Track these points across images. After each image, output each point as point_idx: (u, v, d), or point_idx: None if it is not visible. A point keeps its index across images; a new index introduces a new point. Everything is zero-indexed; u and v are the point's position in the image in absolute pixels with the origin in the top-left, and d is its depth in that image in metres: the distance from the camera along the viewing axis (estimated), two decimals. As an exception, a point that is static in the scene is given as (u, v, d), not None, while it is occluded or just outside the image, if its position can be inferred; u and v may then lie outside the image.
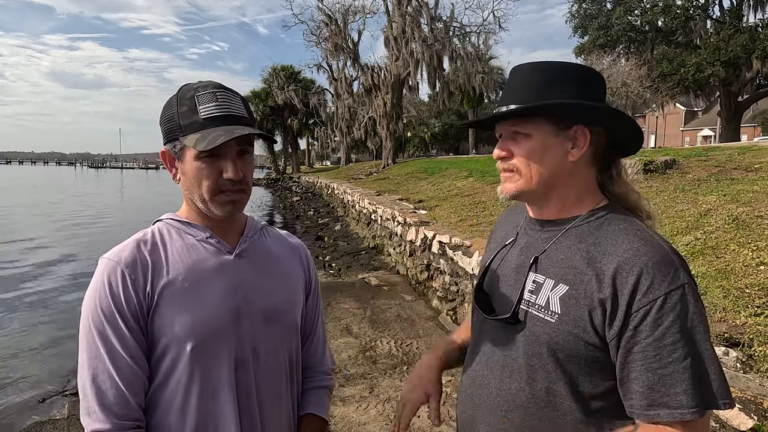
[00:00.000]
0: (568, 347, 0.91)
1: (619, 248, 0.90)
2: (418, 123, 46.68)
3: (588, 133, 0.96)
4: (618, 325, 0.86)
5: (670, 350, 0.83)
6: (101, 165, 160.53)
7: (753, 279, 3.14)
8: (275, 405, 1.09)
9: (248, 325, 1.05)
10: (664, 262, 0.86)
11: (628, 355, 0.86)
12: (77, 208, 21.93)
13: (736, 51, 22.99)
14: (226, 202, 1.02)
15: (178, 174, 1.05)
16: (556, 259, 0.97)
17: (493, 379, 1.02)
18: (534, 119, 0.96)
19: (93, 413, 0.94)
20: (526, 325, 0.97)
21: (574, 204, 1.00)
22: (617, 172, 1.03)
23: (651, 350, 0.84)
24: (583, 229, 0.97)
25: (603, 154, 1.00)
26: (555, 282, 0.94)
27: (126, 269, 0.98)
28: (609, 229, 0.94)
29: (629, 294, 0.85)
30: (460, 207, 8.60)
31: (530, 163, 0.97)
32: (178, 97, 1.03)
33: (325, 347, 1.30)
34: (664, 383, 0.83)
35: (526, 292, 0.99)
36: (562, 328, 0.91)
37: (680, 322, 0.83)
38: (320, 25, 28.64)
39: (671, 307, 0.83)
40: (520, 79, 0.99)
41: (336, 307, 6.08)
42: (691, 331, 0.83)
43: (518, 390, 0.97)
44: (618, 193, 1.01)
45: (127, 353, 0.96)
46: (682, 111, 49.12)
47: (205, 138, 0.97)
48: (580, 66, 1.00)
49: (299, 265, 1.22)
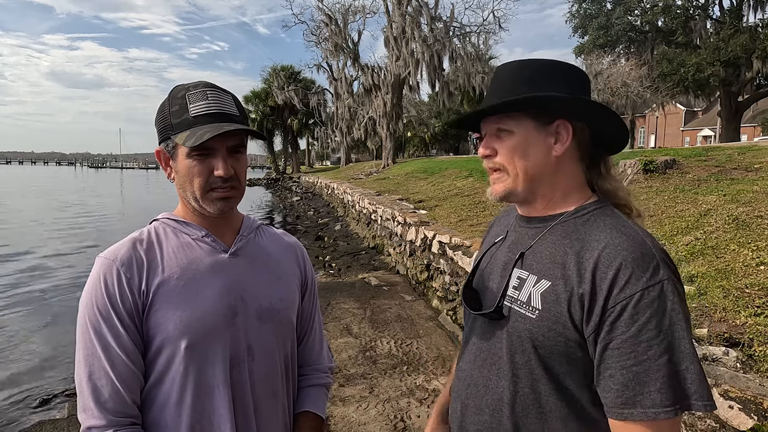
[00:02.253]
0: (548, 344, 0.90)
1: (601, 243, 0.89)
2: (418, 123, 46.67)
3: (570, 128, 0.96)
4: (595, 320, 0.85)
5: (646, 347, 0.81)
6: (101, 165, 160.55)
7: (753, 279, 3.14)
8: (270, 403, 1.10)
9: (243, 324, 1.06)
10: (645, 258, 0.85)
11: (604, 351, 0.84)
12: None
13: (736, 51, 22.99)
14: (217, 199, 1.03)
15: (172, 173, 1.07)
16: (541, 255, 0.97)
17: (480, 377, 1.02)
18: (515, 115, 0.96)
19: (89, 410, 0.95)
20: (509, 320, 0.96)
21: (560, 200, 1.00)
22: (606, 168, 1.02)
23: (626, 347, 0.82)
24: (568, 225, 0.96)
25: (589, 149, 1.00)
26: (537, 278, 0.94)
27: (122, 268, 1.00)
28: (594, 224, 0.93)
29: (607, 289, 0.84)
30: (460, 207, 8.61)
31: (514, 159, 0.97)
32: (170, 97, 1.05)
33: (323, 345, 1.30)
34: (639, 381, 0.81)
35: (510, 288, 0.98)
36: (543, 324, 0.90)
37: (657, 319, 0.81)
38: (320, 25, 28.71)
39: (648, 303, 0.81)
40: (502, 77, 1.00)
41: (336, 307, 6.08)
42: (668, 328, 0.81)
43: (504, 388, 0.96)
44: (607, 190, 1.01)
45: (123, 351, 0.97)
46: (682, 111, 49.10)
47: (194, 135, 0.98)
48: (561, 63, 1.00)
49: (295, 263, 1.22)
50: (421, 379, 4.02)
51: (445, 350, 4.67)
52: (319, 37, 29.10)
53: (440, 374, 4.13)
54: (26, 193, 32.08)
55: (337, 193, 19.23)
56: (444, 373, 4.16)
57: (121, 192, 37.45)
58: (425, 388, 3.86)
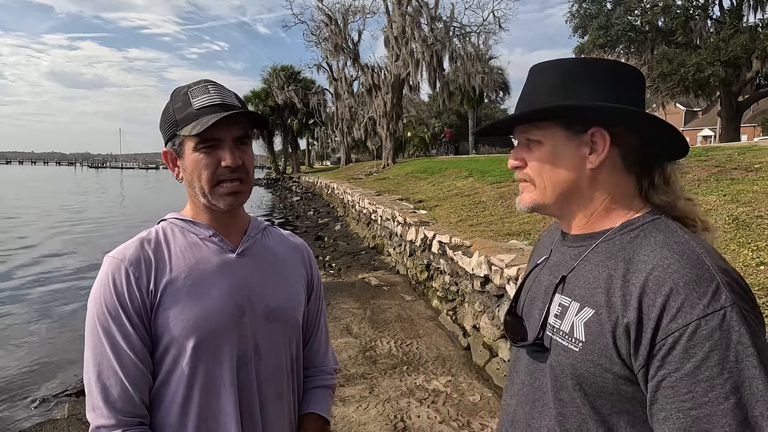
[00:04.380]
0: (594, 380, 0.79)
1: (649, 264, 0.76)
2: (418, 123, 46.66)
3: (607, 136, 0.85)
4: (644, 354, 0.73)
5: (706, 388, 0.68)
6: (101, 165, 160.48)
7: (753, 279, 3.14)
8: (276, 403, 1.10)
9: (251, 323, 1.06)
10: (702, 280, 0.71)
11: (656, 390, 0.72)
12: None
13: (736, 51, 22.98)
14: (226, 193, 1.03)
15: (180, 173, 1.07)
16: (584, 279, 0.85)
17: (522, 414, 0.93)
18: (543, 125, 0.87)
19: (97, 409, 0.96)
20: (551, 353, 0.86)
21: (603, 215, 0.88)
22: (662, 177, 0.88)
23: (682, 387, 0.69)
24: (614, 243, 0.84)
25: (638, 157, 0.88)
26: (580, 305, 0.83)
27: (130, 267, 1.00)
28: (645, 242, 0.80)
29: (656, 318, 0.72)
30: (460, 207, 8.60)
31: (542, 173, 0.89)
32: (173, 96, 1.06)
33: (328, 347, 1.31)
34: (700, 428, 0.68)
35: (552, 317, 0.88)
36: (587, 358, 0.79)
37: (719, 354, 0.68)
38: (320, 25, 28.69)
39: (707, 334, 0.68)
40: (534, 79, 0.92)
41: (336, 307, 6.08)
42: (735, 365, 0.67)
43: (549, 428, 0.86)
44: (663, 203, 0.87)
45: (132, 350, 0.97)
46: (682, 111, 49.10)
47: (200, 122, 0.99)
48: (601, 60, 0.89)
49: (301, 264, 1.23)
50: (421, 379, 4.02)
51: (445, 350, 4.68)
52: (319, 37, 29.11)
53: (440, 374, 4.13)
54: (35, 196, 32.01)
55: (337, 193, 19.22)
56: (444, 373, 4.16)
57: (122, 195, 37.38)
58: (425, 388, 3.86)
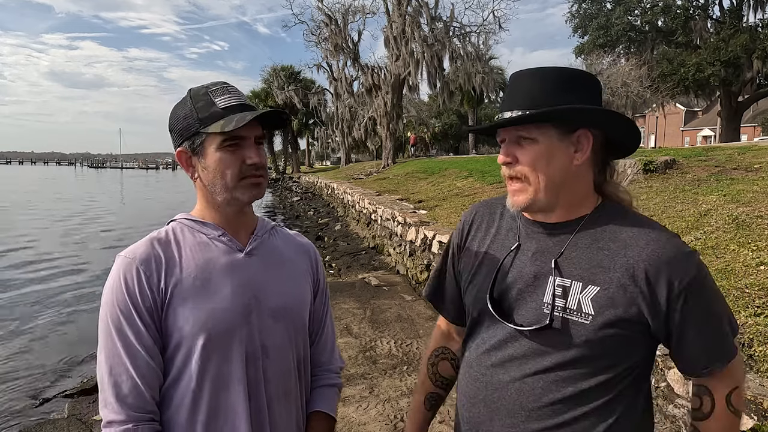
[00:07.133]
0: (603, 345, 0.94)
1: (640, 239, 0.95)
2: (418, 123, 46.68)
3: (591, 137, 0.97)
4: (663, 306, 0.92)
5: (718, 311, 0.96)
6: (101, 165, 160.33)
7: (753, 279, 3.14)
8: (284, 401, 1.12)
9: (258, 322, 1.07)
10: (682, 243, 0.95)
11: (682, 326, 0.93)
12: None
13: (736, 51, 23.00)
14: (251, 185, 1.06)
15: (196, 173, 1.08)
16: (578, 261, 0.98)
17: (511, 382, 1.00)
18: (540, 124, 0.96)
19: (109, 405, 0.97)
20: (561, 330, 0.96)
21: (578, 205, 1.02)
22: (611, 172, 1.06)
23: (699, 318, 0.94)
24: (594, 227, 0.99)
25: (601, 155, 1.02)
26: (583, 284, 0.96)
27: (141, 266, 1.01)
28: (619, 222, 0.98)
29: (666, 281, 0.91)
30: (460, 207, 8.61)
31: (537, 169, 0.97)
32: (191, 96, 1.07)
33: (334, 346, 1.32)
34: (716, 341, 0.96)
35: (555, 298, 0.97)
36: (598, 328, 0.93)
37: (711, 285, 0.96)
38: (320, 25, 28.63)
39: (703, 277, 0.94)
40: (526, 83, 0.99)
41: (336, 307, 6.08)
42: (716, 288, 0.97)
43: (543, 391, 0.97)
44: (611, 194, 1.04)
45: (143, 348, 0.99)
46: (682, 111, 49.11)
47: (232, 120, 1.00)
48: (581, 71, 1.03)
49: (308, 264, 1.24)
50: (422, 379, 4.02)
51: (445, 350, 4.67)
52: (319, 37, 29.06)
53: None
54: (40, 196, 32.00)
55: (337, 193, 19.22)
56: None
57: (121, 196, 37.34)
58: (426, 388, 3.85)
